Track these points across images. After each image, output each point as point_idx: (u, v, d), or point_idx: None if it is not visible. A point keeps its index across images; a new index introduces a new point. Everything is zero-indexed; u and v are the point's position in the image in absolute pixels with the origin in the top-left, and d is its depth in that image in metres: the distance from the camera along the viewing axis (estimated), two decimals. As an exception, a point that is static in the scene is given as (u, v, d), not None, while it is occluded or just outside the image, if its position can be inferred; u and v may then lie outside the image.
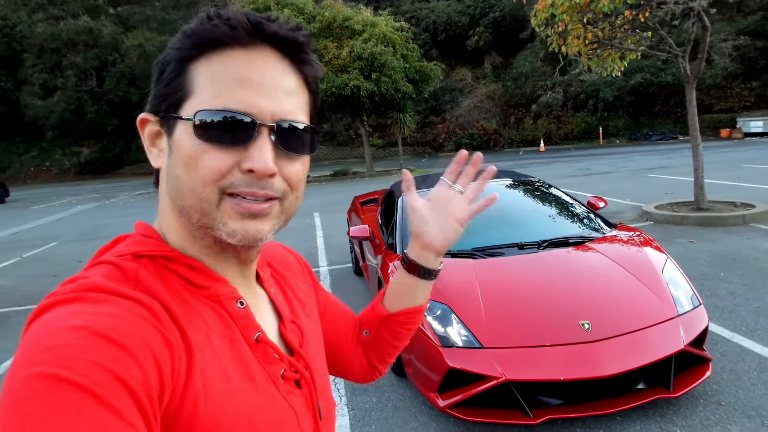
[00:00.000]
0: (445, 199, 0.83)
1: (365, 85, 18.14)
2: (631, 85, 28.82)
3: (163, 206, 0.63)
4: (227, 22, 0.56)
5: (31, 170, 36.32)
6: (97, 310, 0.49)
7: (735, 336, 3.67)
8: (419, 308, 0.90)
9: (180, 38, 0.59)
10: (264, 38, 0.58)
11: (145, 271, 0.57)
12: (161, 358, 0.49)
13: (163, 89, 0.59)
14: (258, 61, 0.57)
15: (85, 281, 0.52)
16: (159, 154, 0.61)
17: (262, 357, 0.62)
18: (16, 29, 34.54)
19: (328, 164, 30.44)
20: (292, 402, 0.64)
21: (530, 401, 2.74)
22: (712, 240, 6.33)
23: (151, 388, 0.47)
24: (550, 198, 4.55)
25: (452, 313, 3.01)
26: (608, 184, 12.31)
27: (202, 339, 0.56)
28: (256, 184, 0.57)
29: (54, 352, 0.44)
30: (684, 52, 7.30)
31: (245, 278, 0.67)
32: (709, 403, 2.91)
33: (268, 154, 0.57)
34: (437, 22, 35.40)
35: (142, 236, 0.62)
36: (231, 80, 0.56)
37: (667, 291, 3.09)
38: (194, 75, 0.57)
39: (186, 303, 0.57)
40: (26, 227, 13.76)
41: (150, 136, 0.62)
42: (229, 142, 0.56)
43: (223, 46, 0.57)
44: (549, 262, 3.44)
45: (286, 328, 0.69)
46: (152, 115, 0.61)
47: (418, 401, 3.22)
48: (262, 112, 0.57)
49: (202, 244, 0.61)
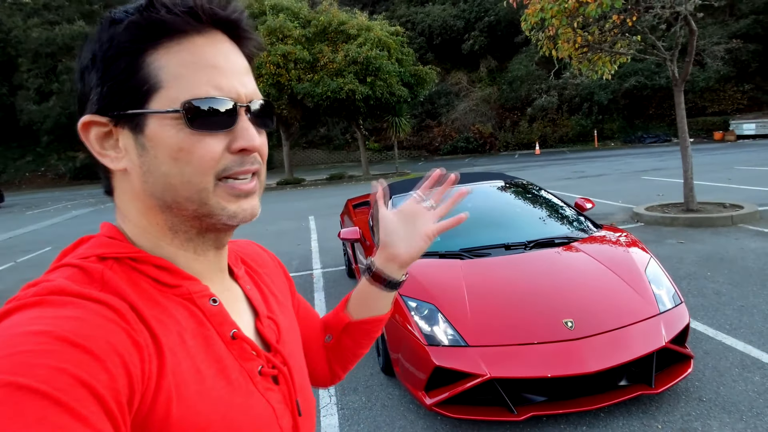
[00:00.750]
0: (414, 213, 0.84)
1: (360, 89, 18.24)
2: (626, 88, 29.03)
3: (129, 210, 0.61)
4: (183, 9, 0.56)
5: (27, 175, 36.24)
6: (61, 314, 0.47)
7: (718, 334, 3.73)
8: (381, 318, 0.90)
9: (128, 29, 0.55)
10: (216, 24, 0.59)
11: (111, 273, 0.55)
12: (130, 361, 0.48)
13: (118, 86, 0.55)
14: (219, 47, 0.58)
15: (48, 284, 0.50)
16: (118, 157, 0.58)
17: (239, 354, 0.61)
18: (11, 34, 34.58)
19: (324, 168, 30.51)
20: (270, 399, 0.63)
21: (515, 398, 2.79)
22: (700, 240, 6.41)
23: (119, 392, 0.46)
24: (538, 199, 4.61)
25: (439, 312, 3.06)
26: (601, 186, 12.40)
27: (173, 339, 0.55)
28: (246, 161, 0.59)
29: (14, 359, 0.42)
30: (672, 56, 7.39)
31: (220, 270, 0.67)
32: (691, 399, 2.97)
33: (253, 132, 0.59)
34: (432, 26, 35.59)
35: (107, 237, 0.60)
36: (204, 67, 0.56)
37: (650, 289, 3.15)
38: (157, 66, 0.55)
39: (156, 303, 0.56)
40: (21, 232, 13.76)
41: (98, 138, 0.58)
42: (218, 128, 0.57)
43: (182, 34, 0.56)
44: (535, 262, 3.50)
45: (262, 324, 0.69)
46: (99, 116, 0.57)
47: (406, 400, 3.27)
48: (239, 95, 0.59)
49: (183, 239, 0.61)
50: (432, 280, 3.36)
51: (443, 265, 3.52)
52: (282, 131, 21.78)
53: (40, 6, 37.14)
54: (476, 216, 4.33)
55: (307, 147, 35.99)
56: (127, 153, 0.57)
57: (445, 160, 29.71)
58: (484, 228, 4.03)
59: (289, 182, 21.27)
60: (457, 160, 29.27)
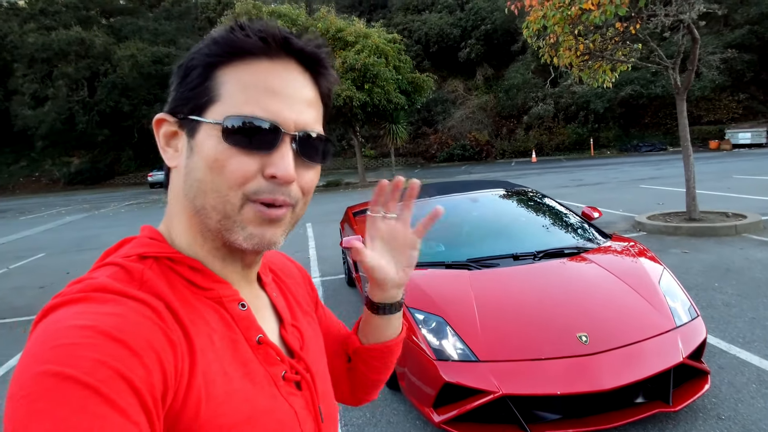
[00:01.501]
0: (389, 235, 0.79)
1: (358, 95, 18.20)
2: (622, 97, 29.17)
3: (173, 206, 0.64)
4: (259, 34, 0.59)
5: (21, 180, 35.96)
6: (103, 310, 0.49)
7: (732, 348, 3.63)
8: (392, 342, 0.86)
9: (208, 44, 0.61)
10: (290, 52, 0.61)
11: (150, 272, 0.57)
12: (165, 358, 0.50)
13: (188, 92, 0.60)
14: (283, 73, 0.60)
15: (92, 282, 0.53)
16: (174, 154, 0.63)
17: (264, 358, 0.63)
18: (6, 39, 34.44)
19: (321, 175, 30.38)
20: (293, 403, 0.64)
21: (527, 416, 2.68)
22: (705, 250, 6.33)
23: (155, 387, 0.48)
24: (544, 208, 4.52)
25: (447, 325, 2.95)
26: (600, 195, 12.35)
27: (204, 340, 0.57)
28: (277, 190, 0.59)
29: (60, 351, 0.45)
30: (674, 64, 7.36)
31: (248, 281, 0.68)
32: (709, 417, 2.86)
33: (290, 162, 0.59)
34: (429, 34, 35.72)
35: (148, 238, 0.63)
36: (259, 89, 0.59)
37: (665, 302, 3.05)
38: (221, 81, 0.59)
39: (189, 304, 0.58)
40: (13, 238, 13.55)
41: (165, 135, 0.63)
42: (254, 148, 0.58)
43: (251, 56, 0.59)
44: (545, 273, 3.39)
45: (287, 331, 0.70)
46: (171, 116, 0.62)
47: (412, 416, 3.15)
48: (286, 121, 0.59)
49: (212, 246, 0.63)
50: (439, 291, 3.25)
51: (450, 276, 3.41)
52: (279, 138, 21.69)
53: (37, 11, 37.03)
54: (482, 225, 4.24)
55: (303, 154, 35.92)
56: (181, 153, 0.62)
57: (441, 168, 29.69)
58: (491, 237, 3.93)
59: (286, 189, 21.12)
60: (454, 167, 29.24)
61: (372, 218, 0.80)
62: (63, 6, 37.54)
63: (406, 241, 0.80)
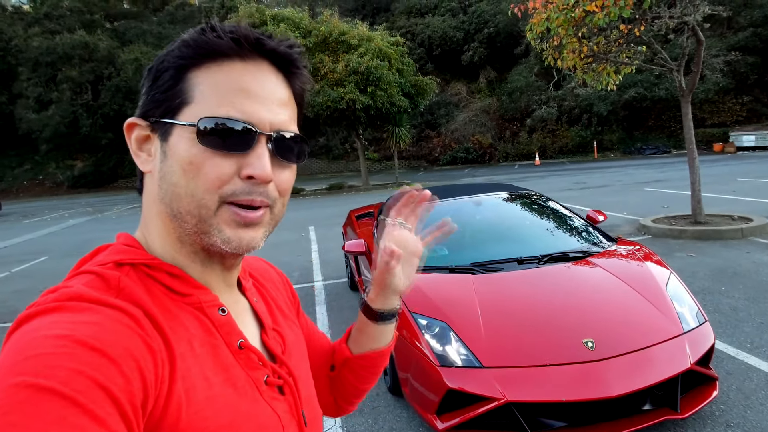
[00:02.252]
0: (400, 242, 0.80)
1: (361, 98, 18.20)
2: (625, 100, 29.07)
3: (149, 211, 0.63)
4: (230, 35, 0.58)
5: (24, 184, 36.08)
6: (79, 319, 0.48)
7: (740, 353, 3.58)
8: (385, 350, 0.88)
9: (179, 46, 0.60)
10: (263, 53, 0.61)
11: (127, 279, 0.57)
12: (144, 366, 0.49)
13: (160, 95, 0.59)
14: (257, 74, 0.60)
15: (67, 291, 0.52)
16: (148, 159, 0.62)
17: (245, 363, 0.62)
18: (11, 43, 34.61)
19: (323, 178, 30.41)
20: (275, 407, 0.63)
21: (533, 424, 2.63)
22: (711, 254, 6.27)
23: (135, 396, 0.47)
24: (549, 211, 4.48)
25: (451, 330, 2.91)
26: (604, 198, 12.29)
27: (184, 346, 0.56)
28: (254, 190, 0.59)
29: (35, 361, 0.44)
30: (679, 66, 7.31)
31: (228, 286, 0.68)
32: (717, 424, 2.81)
33: (267, 162, 0.59)
34: (432, 37, 35.72)
35: (124, 245, 0.62)
36: (233, 90, 0.58)
37: (672, 307, 3.00)
38: (194, 83, 0.58)
39: (168, 310, 0.57)
40: (16, 241, 13.56)
41: (137, 140, 0.62)
42: (229, 149, 0.57)
43: (224, 58, 0.59)
44: (550, 278, 3.35)
45: (268, 335, 0.70)
46: (142, 119, 0.61)
47: (415, 423, 3.10)
48: (262, 121, 0.59)
49: (190, 250, 0.62)
50: (443, 296, 3.21)
51: (454, 281, 3.37)
52: (282, 141, 21.73)
53: (41, 15, 37.23)
54: (486, 228, 4.20)
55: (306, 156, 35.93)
56: (154, 158, 0.61)
57: (444, 171, 29.65)
58: (495, 241, 3.89)
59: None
60: (457, 170, 29.20)
61: (387, 225, 0.81)
62: (67, 10, 37.73)
63: (413, 248, 0.81)
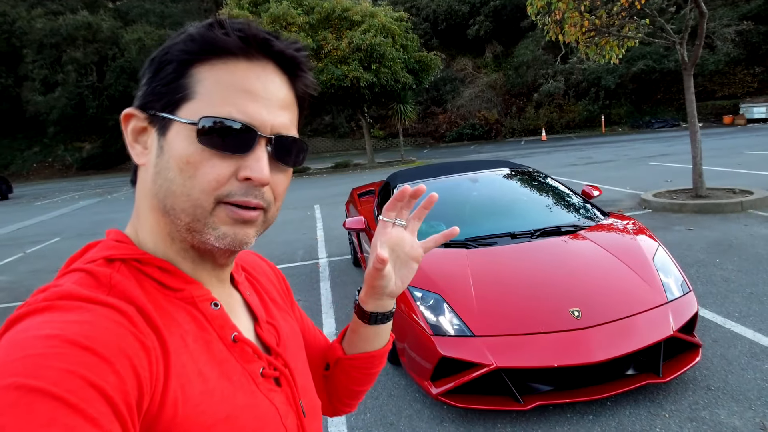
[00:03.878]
0: (396, 243, 0.77)
1: (365, 76, 18.10)
2: (633, 73, 28.64)
3: (141, 205, 0.62)
4: (238, 34, 0.57)
5: (34, 166, 36.44)
6: (70, 318, 0.48)
7: (727, 322, 3.70)
8: (377, 353, 0.84)
9: (184, 40, 0.59)
10: (269, 54, 0.60)
11: (118, 276, 0.56)
12: (138, 363, 0.49)
13: (162, 87, 0.58)
14: (261, 75, 0.59)
15: (57, 290, 0.51)
16: (143, 152, 0.61)
17: (240, 356, 0.62)
18: (15, 25, 34.52)
19: (329, 156, 30.45)
20: (273, 399, 0.64)
21: (521, 388, 2.79)
22: (709, 227, 6.34)
23: (129, 394, 0.47)
24: (544, 187, 4.57)
25: (444, 302, 3.05)
26: (609, 173, 12.29)
27: (177, 341, 0.56)
28: (250, 192, 0.58)
29: (25, 362, 0.43)
30: (682, 39, 7.26)
31: (220, 281, 0.67)
32: (699, 388, 2.95)
33: (265, 164, 0.58)
34: (437, 12, 35.18)
35: (114, 241, 0.61)
36: (237, 90, 0.57)
37: (657, 278, 3.12)
38: (197, 79, 0.57)
39: (161, 306, 0.57)
40: (29, 223, 13.86)
41: (134, 131, 0.61)
42: (228, 150, 0.56)
43: (230, 56, 0.58)
44: (541, 251, 3.47)
45: (262, 328, 0.70)
46: (140, 111, 0.60)
47: (412, 389, 3.27)
48: (263, 123, 0.58)
49: (180, 247, 0.62)
50: (437, 269, 3.34)
51: (449, 255, 3.50)
52: (287, 120, 21.73)
53: (43, -4, 37.03)
54: (482, 204, 4.31)
55: (312, 135, 35.89)
56: (150, 151, 0.60)
57: (450, 147, 29.56)
58: (490, 217, 4.00)
59: (295, 171, 20.99)
60: (463, 146, 29.10)
61: (384, 223, 0.77)
62: (69, -10, 37.49)
63: (411, 251, 0.77)
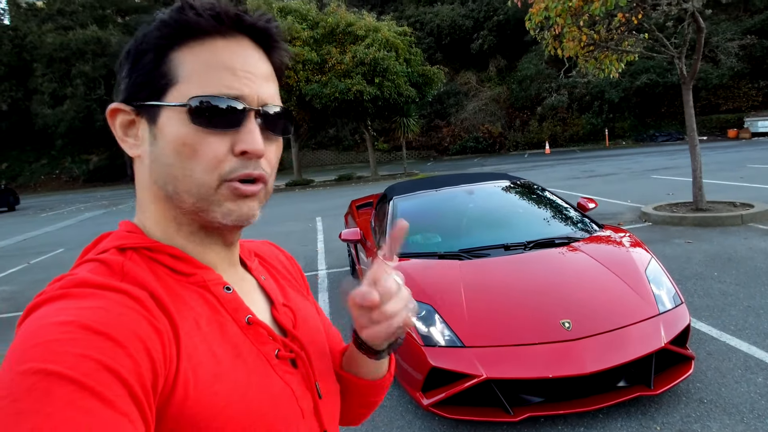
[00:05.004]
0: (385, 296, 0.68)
1: (368, 89, 18.27)
2: (637, 86, 28.71)
3: (142, 196, 0.64)
4: (210, 12, 0.58)
5: (41, 178, 36.80)
6: (84, 305, 0.49)
7: (723, 335, 3.68)
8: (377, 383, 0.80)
9: (158, 26, 0.59)
10: (242, 29, 0.61)
11: (131, 263, 0.57)
12: (152, 347, 0.50)
13: (142, 77, 0.59)
14: (239, 50, 0.60)
15: (72, 278, 0.53)
16: (135, 144, 0.61)
17: (255, 338, 0.62)
18: (26, 40, 35.15)
19: (333, 169, 30.59)
20: (288, 381, 0.64)
21: (512, 399, 2.78)
22: (708, 240, 6.32)
23: (144, 377, 0.48)
24: (540, 200, 4.59)
25: (436, 313, 3.06)
26: (610, 186, 12.29)
27: (190, 324, 0.57)
28: (250, 165, 0.59)
29: (42, 348, 0.45)
30: (680, 53, 7.31)
31: (231, 264, 0.68)
32: (691, 400, 2.93)
33: (258, 136, 0.60)
34: (441, 26, 35.52)
35: (125, 231, 0.63)
36: (218, 67, 0.58)
37: (649, 290, 3.12)
38: (177, 63, 0.58)
39: (173, 291, 0.58)
40: (34, 234, 13.98)
41: (122, 126, 0.62)
42: (222, 126, 0.57)
43: (205, 36, 0.59)
44: (533, 263, 3.48)
45: (278, 311, 0.70)
46: (126, 104, 0.61)
47: (404, 400, 3.27)
48: (250, 96, 0.59)
49: (187, 231, 0.63)
50: (430, 280, 3.36)
51: (441, 266, 3.52)
52: (291, 133, 21.93)
53: (55, 11, 37.71)
54: (476, 216, 4.33)
55: (316, 148, 36.10)
56: (142, 142, 0.61)
57: (454, 161, 29.64)
58: (484, 228, 4.02)
59: (298, 183, 21.37)
60: (467, 160, 29.17)
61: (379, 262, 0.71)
62: (80, 6, 38.15)
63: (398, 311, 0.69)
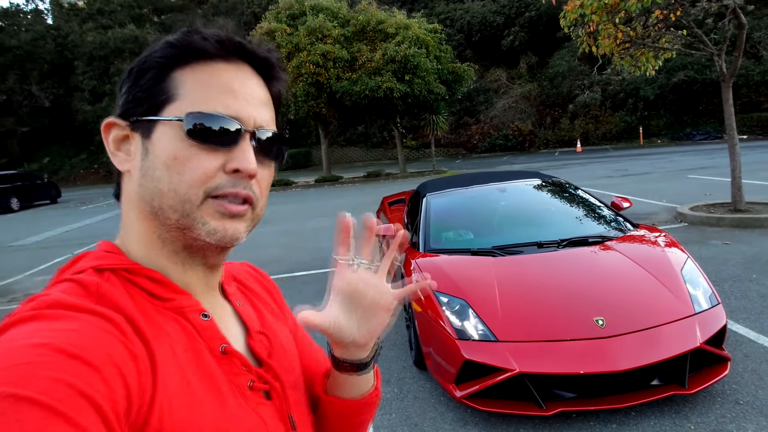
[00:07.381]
0: (356, 289, 0.69)
1: (398, 87, 18.31)
2: (674, 83, 27.91)
3: (127, 215, 0.63)
4: (215, 38, 0.60)
5: (81, 172, 38.13)
6: (58, 327, 0.47)
7: (761, 337, 3.63)
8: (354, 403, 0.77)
9: (163, 47, 0.61)
10: (243, 56, 0.63)
11: (107, 285, 0.56)
12: (127, 372, 0.48)
13: (142, 93, 0.60)
14: (239, 74, 0.62)
15: (45, 299, 0.51)
16: (126, 158, 0.62)
17: (228, 369, 0.62)
18: (68, 39, 36.45)
19: (362, 165, 30.75)
20: (261, 413, 0.62)
21: (545, 394, 2.83)
22: (747, 242, 6.18)
23: (117, 403, 0.46)
24: (573, 198, 4.59)
25: (470, 308, 3.13)
26: (644, 185, 12.04)
27: (166, 352, 0.55)
28: (239, 184, 0.59)
29: (13, 371, 0.43)
30: (720, 51, 7.13)
31: (210, 289, 0.67)
32: (727, 401, 2.92)
33: (252, 156, 0.60)
34: (472, 23, 35.23)
35: (104, 251, 0.62)
36: (218, 88, 0.59)
37: (685, 290, 3.11)
38: (178, 81, 0.59)
39: (149, 316, 0.57)
40: (76, 226, 14.57)
41: (115, 140, 0.62)
42: (215, 144, 0.58)
43: (208, 58, 0.60)
44: (567, 261, 3.51)
45: (253, 339, 0.68)
46: (121, 119, 0.61)
47: (437, 393, 3.35)
48: (247, 118, 0.61)
49: (171, 250, 0.62)
50: (464, 276, 3.43)
51: (475, 262, 3.58)
52: (320, 129, 22.14)
53: (95, 11, 38.98)
54: (509, 214, 4.37)
55: (345, 145, 36.34)
56: (134, 157, 0.61)
57: (482, 158, 29.43)
58: (517, 226, 4.06)
59: (327, 180, 21.60)
60: (495, 158, 28.92)
61: (340, 265, 0.70)
62: (118, 5, 39.31)
63: (379, 299, 0.69)
